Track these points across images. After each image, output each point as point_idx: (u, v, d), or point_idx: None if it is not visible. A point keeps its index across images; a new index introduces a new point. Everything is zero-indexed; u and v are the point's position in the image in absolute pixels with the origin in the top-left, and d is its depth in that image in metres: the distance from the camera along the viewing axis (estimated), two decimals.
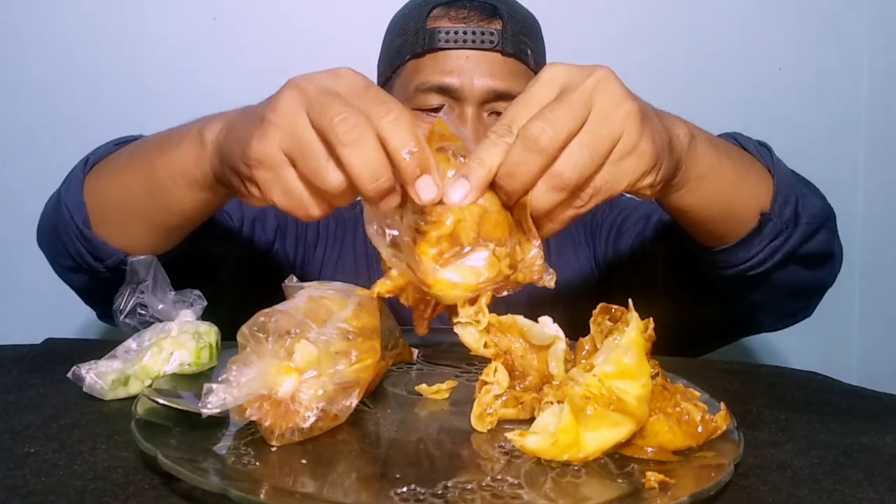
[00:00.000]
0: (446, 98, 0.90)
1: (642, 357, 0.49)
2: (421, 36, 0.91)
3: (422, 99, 0.91)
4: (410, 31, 0.93)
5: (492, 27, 0.90)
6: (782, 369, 0.89)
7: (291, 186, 0.51)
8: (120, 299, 0.64)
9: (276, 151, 0.50)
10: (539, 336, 0.55)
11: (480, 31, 0.89)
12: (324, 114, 0.48)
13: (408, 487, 0.44)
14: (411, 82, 0.92)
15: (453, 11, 0.91)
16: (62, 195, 0.72)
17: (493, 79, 0.89)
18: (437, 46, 0.89)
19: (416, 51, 0.91)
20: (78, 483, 0.44)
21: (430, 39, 0.90)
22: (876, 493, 0.48)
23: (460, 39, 0.89)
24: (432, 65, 0.90)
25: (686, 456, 0.50)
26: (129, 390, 0.61)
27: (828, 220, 0.75)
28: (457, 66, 0.89)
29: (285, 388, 0.48)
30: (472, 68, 0.89)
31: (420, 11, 0.93)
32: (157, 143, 0.68)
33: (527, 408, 0.55)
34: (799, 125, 1.31)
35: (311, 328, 0.50)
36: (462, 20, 0.90)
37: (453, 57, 0.89)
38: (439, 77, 0.89)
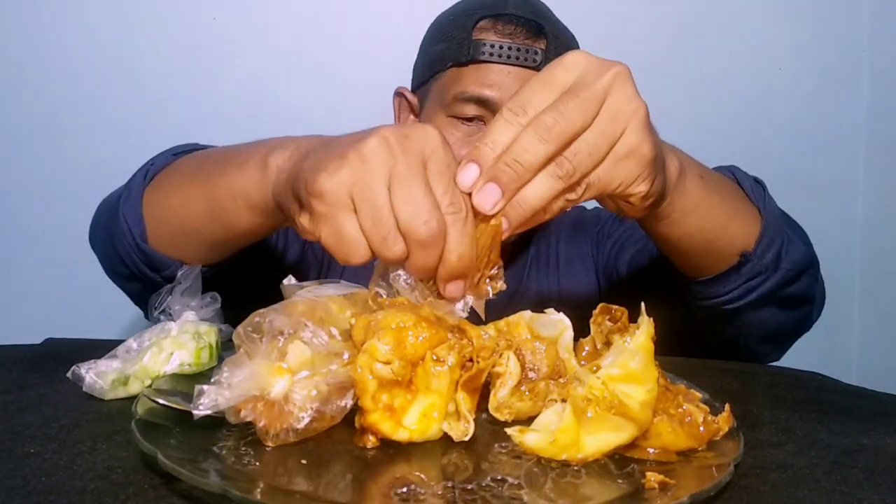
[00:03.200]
0: (483, 110, 0.91)
1: (650, 362, 0.49)
2: (465, 45, 0.91)
3: (459, 107, 0.92)
4: (455, 38, 0.93)
5: (536, 46, 0.91)
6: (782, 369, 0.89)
7: (345, 231, 0.50)
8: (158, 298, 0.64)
9: (342, 192, 0.50)
10: (547, 327, 0.56)
11: (525, 48, 0.90)
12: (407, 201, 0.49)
13: (408, 487, 0.44)
14: (450, 89, 0.92)
15: (500, 25, 0.91)
16: (121, 206, 0.73)
17: None
18: (481, 58, 0.90)
19: (459, 59, 0.92)
20: (78, 483, 0.44)
21: (474, 50, 0.90)
22: (876, 493, 0.48)
23: (504, 55, 0.90)
24: (474, 76, 0.91)
25: (686, 456, 0.50)
26: (129, 390, 0.61)
27: (809, 268, 0.77)
28: (498, 81, 0.90)
29: (277, 388, 0.48)
30: (512, 84, 0.90)
31: (466, 20, 0.93)
32: (219, 161, 0.68)
33: (541, 395, 0.55)
34: (799, 125, 1.31)
35: (306, 328, 0.50)
36: (508, 35, 0.91)
37: (495, 71, 0.90)
38: (480, 89, 0.90)
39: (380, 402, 0.49)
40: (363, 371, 0.48)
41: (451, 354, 0.50)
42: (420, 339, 0.50)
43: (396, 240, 0.49)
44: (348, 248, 0.50)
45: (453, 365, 0.50)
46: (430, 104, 0.96)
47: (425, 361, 0.50)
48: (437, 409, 0.50)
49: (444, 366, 0.50)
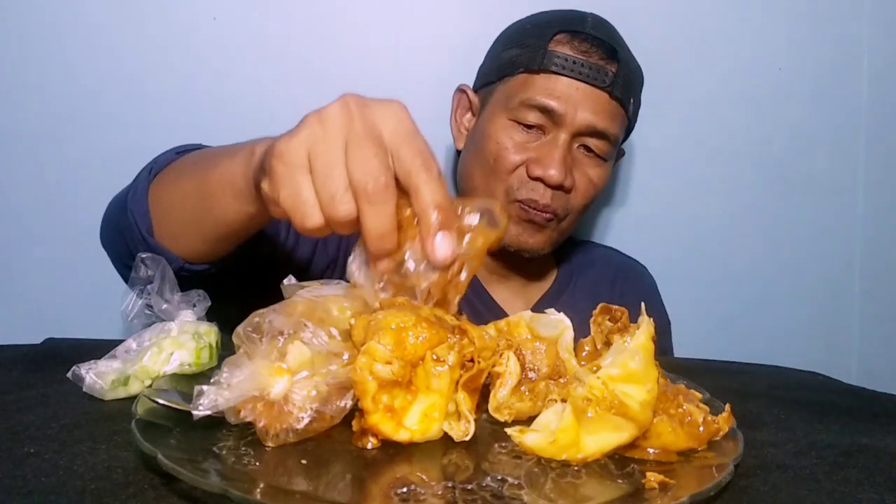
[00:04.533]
0: (545, 119, 0.93)
1: (650, 362, 0.49)
2: (540, 54, 0.93)
3: (523, 112, 0.93)
4: (530, 46, 0.95)
5: (609, 68, 0.93)
6: (782, 369, 0.89)
7: (300, 191, 0.50)
8: (128, 301, 0.64)
9: (300, 152, 0.50)
10: (547, 327, 0.56)
11: (598, 68, 0.92)
12: (359, 160, 0.48)
13: (408, 487, 0.44)
14: (518, 94, 0.94)
15: (577, 42, 0.93)
16: (129, 202, 0.73)
17: (595, 115, 0.93)
18: (554, 69, 0.92)
19: (531, 67, 0.94)
20: (78, 483, 0.44)
21: (548, 60, 0.92)
22: (876, 493, 0.48)
23: (577, 70, 0.92)
24: (543, 84, 0.93)
25: (686, 456, 0.50)
26: (129, 390, 0.61)
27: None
28: (566, 94, 0.92)
29: (277, 389, 0.48)
30: (579, 100, 0.92)
31: (543, 31, 0.95)
32: (214, 156, 0.68)
33: (541, 395, 0.55)
34: (799, 125, 1.31)
35: (306, 328, 0.50)
36: (583, 52, 0.93)
37: (565, 84, 0.92)
38: (547, 98, 0.92)
39: (380, 403, 0.49)
40: (363, 372, 0.48)
41: (452, 354, 0.50)
42: (420, 339, 0.50)
43: (344, 198, 0.49)
44: (304, 209, 0.50)
45: (453, 365, 0.50)
46: (492, 105, 0.98)
47: (425, 361, 0.50)
48: (437, 408, 0.50)
49: (444, 366, 0.50)
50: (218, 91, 1.17)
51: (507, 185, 0.94)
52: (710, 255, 1.30)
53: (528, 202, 0.93)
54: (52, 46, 1.14)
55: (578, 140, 0.94)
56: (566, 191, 0.94)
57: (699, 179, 1.29)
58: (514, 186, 0.94)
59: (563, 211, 0.96)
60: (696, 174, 1.29)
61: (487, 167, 0.95)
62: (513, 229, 0.95)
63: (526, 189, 0.93)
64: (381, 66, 1.19)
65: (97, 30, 1.15)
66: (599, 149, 0.95)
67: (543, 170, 0.91)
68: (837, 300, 1.35)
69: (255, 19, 1.17)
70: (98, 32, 1.15)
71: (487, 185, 0.96)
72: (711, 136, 1.29)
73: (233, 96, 1.17)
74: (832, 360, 1.33)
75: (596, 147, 0.95)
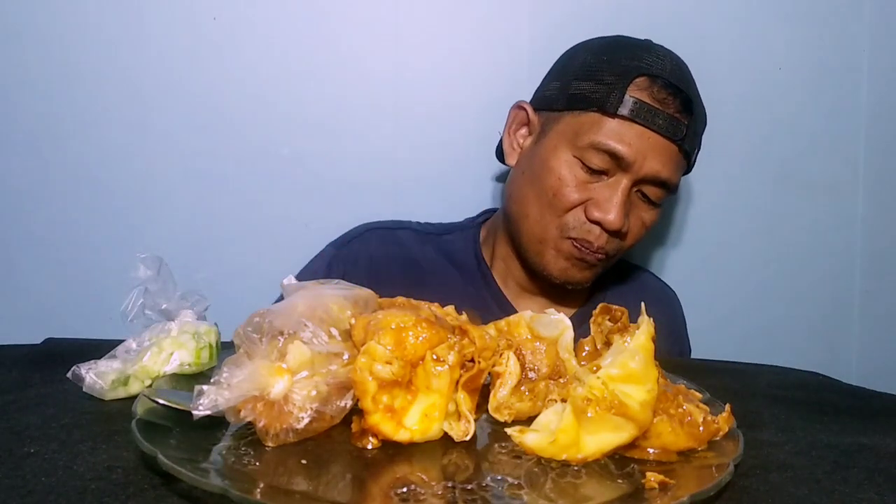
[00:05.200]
0: (611, 164, 0.91)
1: (650, 362, 0.49)
2: (616, 97, 0.91)
3: (590, 154, 0.91)
4: (607, 85, 0.92)
5: (683, 121, 0.92)
6: (782, 369, 0.89)
7: None
8: (128, 301, 0.64)
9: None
10: (547, 327, 0.56)
11: (675, 120, 0.91)
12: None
13: (408, 487, 0.44)
14: (588, 134, 0.92)
15: (656, 89, 0.91)
16: None
17: (663, 167, 0.92)
18: (630, 117, 0.90)
19: (606, 108, 0.91)
20: (78, 483, 0.44)
21: (625, 106, 0.90)
22: (876, 493, 0.48)
23: (652, 120, 0.90)
24: (617, 129, 0.91)
25: (686, 456, 0.50)
26: (129, 390, 0.61)
27: None
28: (637, 142, 0.90)
29: (277, 389, 0.48)
30: (649, 149, 0.91)
31: (624, 71, 0.92)
32: None
33: (541, 395, 0.55)
34: (799, 125, 1.31)
35: (306, 328, 0.50)
36: (660, 101, 0.91)
37: (638, 131, 0.90)
38: (618, 144, 0.90)
39: (380, 403, 0.49)
40: (363, 372, 0.48)
41: (452, 354, 0.50)
42: (420, 339, 0.50)
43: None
44: None
45: (453, 364, 0.50)
46: (557, 135, 0.95)
47: (425, 361, 0.50)
48: (437, 408, 0.50)
49: (444, 365, 0.50)
50: (218, 91, 1.17)
51: (562, 222, 0.93)
52: (709, 255, 1.30)
53: (583, 242, 0.93)
54: (52, 46, 1.14)
55: (639, 186, 0.93)
56: (622, 237, 0.94)
57: (699, 179, 1.29)
58: (569, 224, 0.93)
59: (615, 252, 0.95)
60: (696, 174, 1.29)
61: (545, 199, 0.94)
62: (562, 264, 0.95)
63: (582, 230, 0.93)
64: (381, 66, 1.19)
65: (97, 29, 1.14)
66: (657, 196, 0.95)
67: (603, 214, 0.91)
68: (837, 300, 1.35)
69: (255, 19, 1.17)
70: (98, 32, 1.14)
71: (542, 216, 0.95)
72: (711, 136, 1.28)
73: (233, 96, 1.17)
74: (832, 360, 1.33)
75: (653, 194, 0.94)
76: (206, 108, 1.17)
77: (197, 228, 1.18)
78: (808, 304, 1.34)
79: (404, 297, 0.58)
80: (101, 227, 1.16)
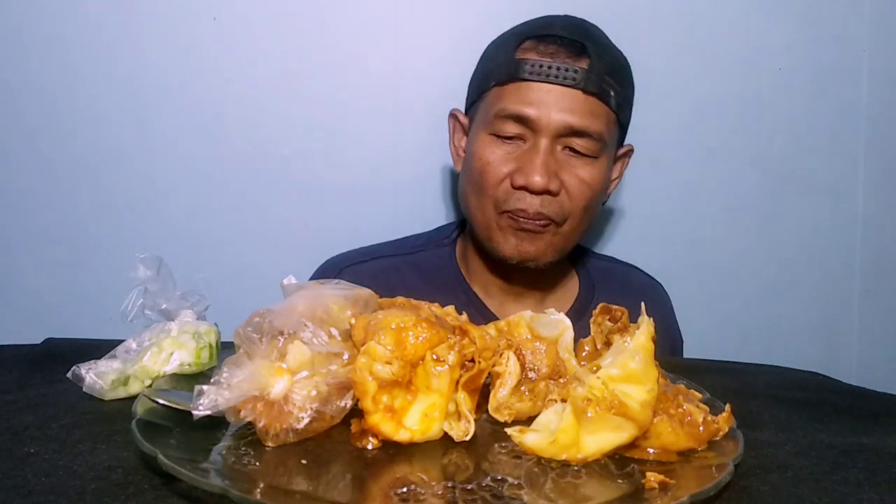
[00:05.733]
0: (523, 128, 0.92)
1: (650, 362, 0.49)
2: (508, 65, 0.93)
3: (499, 125, 0.93)
4: (500, 59, 0.95)
5: (577, 65, 0.91)
6: (782, 369, 0.89)
7: None
8: (128, 301, 0.64)
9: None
10: (547, 327, 0.56)
11: (566, 67, 0.91)
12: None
13: (408, 487, 0.44)
14: (492, 108, 0.94)
15: (542, 46, 0.92)
16: None
17: (571, 115, 0.91)
18: (522, 77, 0.91)
19: (501, 79, 0.93)
20: (78, 483, 0.44)
21: (515, 69, 0.92)
22: (876, 493, 0.48)
23: (544, 73, 0.91)
24: (514, 94, 0.92)
25: (686, 456, 0.50)
26: (129, 390, 0.61)
27: None
28: (538, 99, 0.91)
29: (277, 389, 0.48)
30: (552, 102, 0.91)
31: (512, 42, 0.95)
32: None
33: (541, 395, 0.55)
34: (799, 125, 1.31)
35: (306, 328, 0.50)
36: (549, 55, 0.92)
37: (535, 89, 0.91)
38: (519, 106, 0.91)
39: (380, 403, 0.49)
40: (363, 373, 0.48)
41: (452, 354, 0.50)
42: (420, 339, 0.50)
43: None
44: None
45: (453, 364, 0.50)
46: (475, 123, 0.98)
47: (425, 361, 0.50)
48: (437, 408, 0.50)
49: (444, 365, 0.50)
50: (218, 91, 1.17)
51: (494, 199, 0.94)
52: (709, 255, 1.30)
53: (517, 212, 0.92)
54: (52, 46, 1.14)
55: (560, 142, 0.93)
56: (553, 194, 0.92)
57: (699, 179, 1.29)
58: (501, 199, 0.93)
59: (559, 216, 0.94)
60: (696, 174, 1.29)
61: (477, 186, 0.95)
62: (510, 241, 0.94)
63: (513, 200, 0.92)
64: (381, 66, 1.19)
65: (97, 29, 1.14)
66: (586, 148, 0.93)
67: (525, 177, 0.91)
68: (837, 300, 1.35)
69: (255, 19, 1.17)
70: (98, 32, 1.15)
71: (479, 202, 0.95)
72: (711, 136, 1.28)
73: (233, 96, 1.17)
74: (832, 360, 1.33)
75: (582, 147, 0.93)
76: (206, 108, 1.17)
77: (197, 228, 1.18)
78: (808, 304, 1.34)
79: (404, 298, 0.58)
80: (101, 227, 1.16)
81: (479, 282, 1.04)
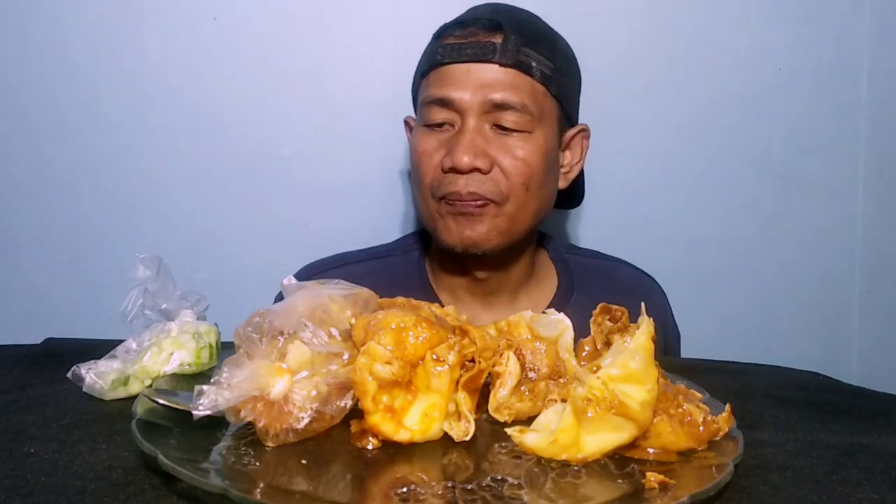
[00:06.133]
0: (449, 112, 0.91)
1: (650, 362, 0.49)
2: (430, 54, 0.94)
3: (427, 114, 0.93)
4: (426, 53, 0.96)
5: (492, 40, 0.91)
6: (782, 369, 0.89)
7: None
8: (128, 301, 0.64)
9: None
10: (547, 327, 0.56)
11: (479, 44, 0.91)
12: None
13: (408, 487, 0.44)
14: (419, 99, 0.95)
15: (459, 30, 0.93)
16: None
17: (490, 90, 0.90)
18: (441, 62, 0.92)
19: (425, 69, 0.94)
20: (78, 483, 0.44)
21: (435, 56, 0.93)
22: (876, 493, 0.48)
23: (461, 53, 0.91)
24: (436, 80, 0.93)
25: (686, 456, 0.50)
26: (129, 390, 0.61)
27: None
28: (456, 79, 0.91)
29: (277, 389, 0.48)
30: (470, 80, 0.91)
31: (436, 35, 0.96)
32: None
33: (541, 395, 0.55)
34: (799, 125, 1.31)
35: (306, 328, 0.50)
36: (465, 36, 0.92)
37: (453, 70, 0.91)
38: (440, 90, 0.91)
39: (380, 403, 0.49)
40: (363, 373, 0.48)
41: (452, 354, 0.50)
42: (420, 339, 0.50)
43: None
44: None
45: (453, 364, 0.50)
46: (416, 122, 0.98)
47: (425, 361, 0.50)
48: (438, 408, 0.50)
49: (444, 365, 0.50)
50: (218, 91, 1.17)
51: (431, 188, 0.92)
52: (709, 254, 1.30)
53: (451, 195, 0.90)
54: (51, 47, 1.14)
55: (488, 120, 0.91)
56: (484, 172, 0.90)
57: (699, 179, 1.29)
58: (435, 185, 0.92)
59: (497, 195, 0.90)
60: (696, 174, 1.29)
61: (416, 178, 0.95)
62: (451, 227, 0.92)
63: (445, 184, 0.91)
64: (380, 66, 1.19)
65: (97, 29, 1.15)
66: (515, 122, 0.91)
67: (452, 158, 0.89)
68: (837, 300, 1.35)
69: (255, 19, 1.17)
70: (98, 32, 1.15)
71: (420, 195, 0.94)
72: (711, 136, 1.28)
73: (233, 96, 1.17)
74: (832, 360, 1.33)
75: (511, 122, 0.91)
76: (206, 108, 1.17)
77: (197, 228, 1.18)
78: (808, 304, 1.34)
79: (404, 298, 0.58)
80: (101, 227, 1.16)
81: (447, 286, 1.01)
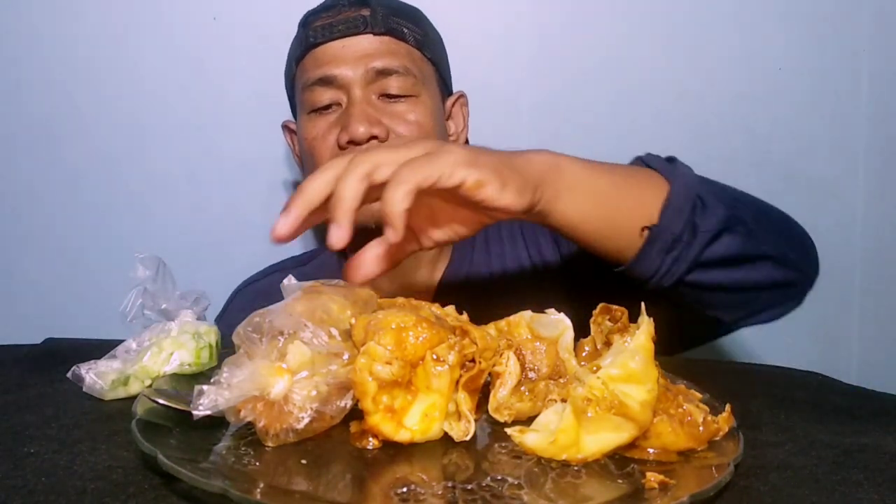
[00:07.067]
0: (333, 91, 0.92)
1: (650, 362, 0.49)
2: (300, 42, 0.95)
3: (310, 98, 0.93)
4: (295, 42, 0.97)
5: (360, 13, 0.92)
6: (782, 369, 0.89)
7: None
8: (128, 301, 0.64)
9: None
10: (547, 327, 0.56)
11: (349, 18, 0.92)
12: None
13: (407, 487, 0.44)
14: (298, 86, 0.95)
15: (324, 13, 0.94)
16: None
17: (370, 59, 0.91)
18: (314, 44, 0.92)
19: (297, 57, 0.95)
20: (78, 483, 0.44)
21: (306, 41, 0.93)
22: (876, 493, 0.48)
23: (331, 31, 0.92)
24: (312, 62, 0.93)
25: (686, 456, 0.50)
26: (129, 390, 0.61)
27: (733, 225, 0.71)
28: (333, 55, 0.92)
29: (277, 389, 0.48)
30: (348, 54, 0.92)
31: (301, 25, 0.96)
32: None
33: (541, 395, 0.55)
34: (799, 125, 1.31)
35: (306, 328, 0.50)
36: (331, 16, 0.93)
37: (328, 48, 0.92)
38: (319, 70, 0.92)
39: (380, 403, 0.49)
40: (363, 373, 0.48)
41: (452, 354, 0.50)
42: (420, 339, 0.50)
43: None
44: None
45: (453, 364, 0.50)
46: (298, 116, 0.97)
47: (425, 361, 0.50)
48: (438, 408, 0.50)
49: (444, 365, 0.50)
50: (218, 91, 1.17)
51: None
52: None
53: None
54: (51, 47, 1.14)
55: (373, 90, 0.92)
56: (382, 140, 0.90)
57: None
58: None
59: None
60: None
61: (312, 167, 0.93)
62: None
63: None
64: None
65: (97, 29, 1.15)
66: (401, 87, 0.92)
67: (347, 132, 0.89)
68: (837, 300, 1.35)
69: (255, 19, 1.17)
70: (98, 32, 1.15)
71: None
72: (711, 136, 1.29)
73: (233, 96, 1.17)
74: (832, 360, 1.33)
75: (396, 87, 0.92)
76: (206, 108, 1.17)
77: (197, 228, 1.18)
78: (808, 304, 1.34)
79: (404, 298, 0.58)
80: (102, 228, 1.16)
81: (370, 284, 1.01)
